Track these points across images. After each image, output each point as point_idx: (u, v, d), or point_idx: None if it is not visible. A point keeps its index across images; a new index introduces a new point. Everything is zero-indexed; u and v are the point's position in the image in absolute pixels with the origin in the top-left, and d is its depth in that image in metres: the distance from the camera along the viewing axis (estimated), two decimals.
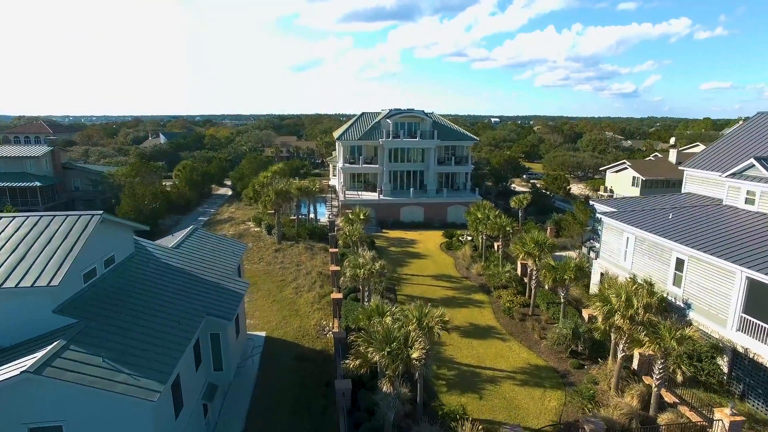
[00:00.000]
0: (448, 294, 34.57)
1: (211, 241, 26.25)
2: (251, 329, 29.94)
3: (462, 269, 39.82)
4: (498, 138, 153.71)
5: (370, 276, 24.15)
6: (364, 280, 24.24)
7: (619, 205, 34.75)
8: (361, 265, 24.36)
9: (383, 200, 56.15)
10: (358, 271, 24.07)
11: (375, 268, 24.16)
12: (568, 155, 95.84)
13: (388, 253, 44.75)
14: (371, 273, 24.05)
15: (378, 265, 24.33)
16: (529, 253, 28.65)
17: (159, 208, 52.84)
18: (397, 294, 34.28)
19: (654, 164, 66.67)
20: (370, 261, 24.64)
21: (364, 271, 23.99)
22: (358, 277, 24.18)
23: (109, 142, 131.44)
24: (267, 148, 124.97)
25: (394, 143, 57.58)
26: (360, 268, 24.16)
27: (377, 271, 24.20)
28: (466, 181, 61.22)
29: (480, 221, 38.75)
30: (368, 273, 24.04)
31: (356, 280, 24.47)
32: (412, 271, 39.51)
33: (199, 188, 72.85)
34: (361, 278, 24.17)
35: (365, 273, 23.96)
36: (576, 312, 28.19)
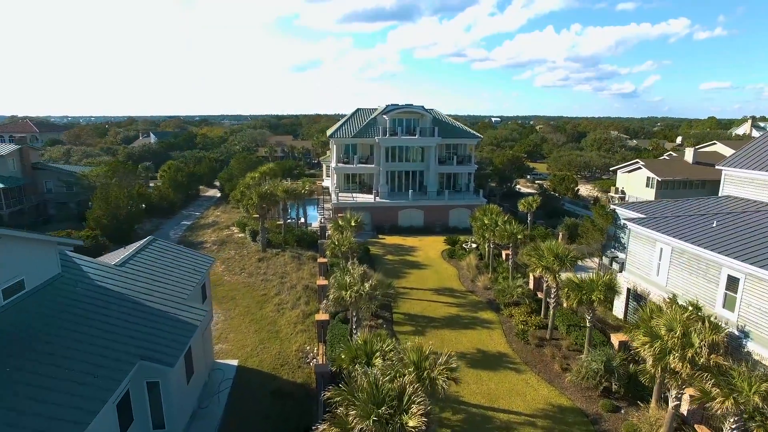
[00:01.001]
0: (451, 312, 30.26)
1: (169, 254, 21.93)
2: (223, 356, 25.64)
3: (467, 281, 35.52)
4: (499, 137, 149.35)
5: (359, 299, 19.82)
6: (352, 303, 19.92)
7: (647, 210, 30.47)
8: (347, 285, 20.05)
9: (379, 203, 51.85)
10: (344, 293, 19.76)
11: (365, 289, 19.83)
12: (575, 154, 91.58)
13: (384, 262, 40.45)
14: (360, 296, 19.72)
15: (368, 286, 20.01)
16: (548, 268, 24.35)
17: (135, 211, 48.50)
18: (394, 312, 29.99)
19: (670, 164, 62.39)
20: (359, 280, 20.30)
21: (351, 294, 19.68)
22: (343, 300, 19.87)
23: (98, 141, 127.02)
24: (261, 148, 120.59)
25: (391, 141, 53.28)
26: (346, 290, 19.84)
27: (367, 293, 19.87)
28: (469, 182, 56.93)
29: (487, 227, 34.46)
30: (356, 296, 19.71)
31: (342, 303, 20.16)
32: (411, 284, 35.21)
33: (185, 190, 68.54)
34: (347, 301, 19.86)
35: (352, 296, 19.64)
36: (603, 337, 23.87)
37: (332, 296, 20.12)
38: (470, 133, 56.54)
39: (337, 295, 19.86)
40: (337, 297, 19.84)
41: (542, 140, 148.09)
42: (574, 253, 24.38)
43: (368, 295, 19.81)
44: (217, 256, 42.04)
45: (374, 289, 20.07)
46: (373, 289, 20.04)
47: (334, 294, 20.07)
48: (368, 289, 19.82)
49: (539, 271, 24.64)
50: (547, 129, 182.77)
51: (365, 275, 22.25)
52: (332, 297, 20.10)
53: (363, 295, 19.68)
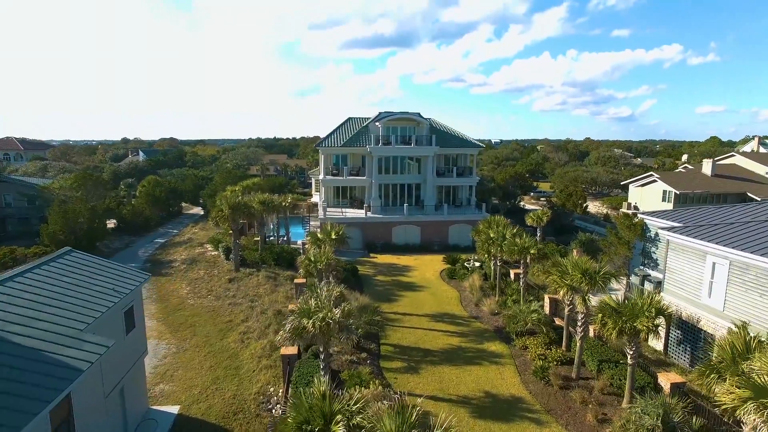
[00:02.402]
0: (451, 343, 24.93)
1: (82, 270, 16.83)
2: (163, 400, 20.28)
3: (470, 306, 30.26)
4: (500, 156, 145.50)
5: (327, 330, 14.62)
6: (317, 336, 14.70)
7: (683, 218, 25.49)
8: (311, 311, 14.88)
9: (371, 218, 46.86)
10: (306, 321, 14.57)
11: (334, 316, 14.64)
12: (581, 170, 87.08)
13: (373, 283, 35.22)
14: (327, 325, 14.53)
15: (340, 312, 14.84)
16: (573, 288, 19.20)
17: (98, 227, 43.44)
18: (382, 343, 24.66)
19: (687, 176, 57.65)
20: (328, 303, 15.15)
21: (317, 322, 14.48)
22: (305, 331, 14.65)
23: (86, 160, 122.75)
24: (253, 167, 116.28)
25: (384, 150, 48.60)
26: (309, 317, 14.65)
27: (338, 321, 14.68)
28: (471, 195, 52.02)
29: (492, 242, 29.38)
30: (322, 325, 14.52)
31: (303, 335, 14.90)
32: (404, 308, 29.94)
33: (165, 206, 63.65)
34: (310, 332, 14.63)
35: (317, 325, 14.44)
36: (648, 377, 18.51)
37: (290, 326, 14.91)
38: (470, 141, 51.92)
39: (296, 325, 14.67)
40: (296, 327, 14.64)
41: (544, 159, 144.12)
42: (607, 269, 19.24)
43: (340, 325, 14.61)
44: (185, 277, 36.93)
45: (347, 317, 14.88)
46: (346, 316, 14.85)
47: (293, 323, 14.87)
48: (339, 317, 14.61)
49: (563, 291, 19.48)
50: (549, 149, 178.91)
51: (341, 298, 17.12)
52: (290, 327, 14.90)
53: (332, 325, 14.48)
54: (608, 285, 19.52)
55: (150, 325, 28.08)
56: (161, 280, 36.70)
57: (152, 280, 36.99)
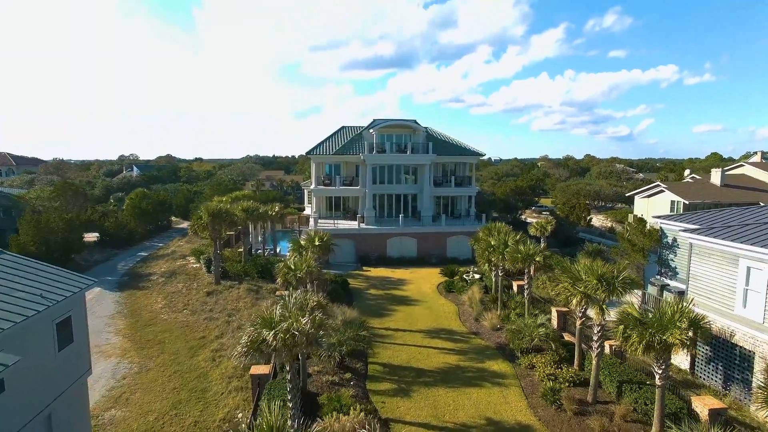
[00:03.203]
0: (448, 361, 22.13)
1: (10, 273, 14.20)
2: (111, 428, 17.47)
3: (469, 320, 27.50)
4: (500, 172, 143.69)
5: (293, 343, 11.93)
6: (277, 351, 11.98)
7: (703, 220, 22.95)
8: (275, 320, 12.24)
9: (365, 230, 44.31)
10: (266, 333, 11.89)
11: (301, 326, 11.97)
12: (583, 183, 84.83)
13: (364, 297, 32.49)
14: (293, 337, 11.84)
15: (308, 322, 12.18)
16: (588, 296, 16.56)
17: (74, 239, 40.86)
18: (370, 362, 21.86)
19: (695, 187, 55.24)
20: (293, 312, 12.51)
21: (279, 333, 11.81)
22: (266, 344, 11.96)
23: (79, 176, 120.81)
24: (248, 182, 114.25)
25: (378, 159, 46.28)
26: (271, 328, 11.99)
27: (307, 333, 12.02)
28: (470, 206, 49.53)
29: (494, 250, 26.78)
30: (286, 338, 11.84)
31: (264, 349, 12.16)
32: (397, 324, 27.17)
33: (152, 220, 61.11)
34: (272, 347, 11.92)
35: (280, 338, 11.77)
36: (679, 401, 15.68)
37: (247, 338, 12.23)
38: (469, 149, 49.64)
39: (255, 338, 12.00)
40: (254, 340, 11.97)
41: (545, 175, 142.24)
42: (626, 274, 16.60)
43: (308, 338, 11.94)
44: (162, 290, 34.25)
45: (318, 328, 12.21)
46: (316, 327, 12.18)
47: (251, 335, 12.20)
48: (309, 328, 11.95)
49: (576, 300, 16.81)
50: (549, 165, 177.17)
51: (318, 307, 14.45)
52: (247, 339, 12.21)
53: (298, 337, 11.81)
54: (629, 292, 16.89)
55: (114, 341, 25.38)
56: (136, 294, 34.04)
57: (127, 294, 34.44)
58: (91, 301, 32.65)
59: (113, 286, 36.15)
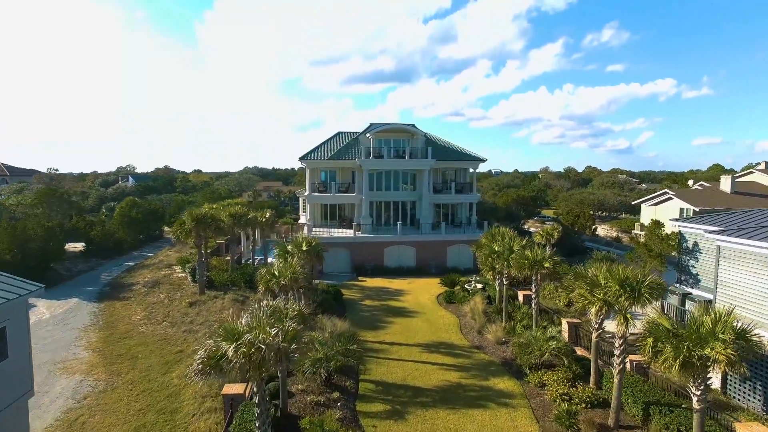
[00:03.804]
0: (449, 378, 19.90)
1: None
2: None
3: (471, 333, 25.29)
4: (501, 183, 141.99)
5: (259, 359, 9.79)
6: (242, 367, 9.83)
7: (724, 222, 20.90)
8: (238, 331, 10.14)
9: (361, 238, 42.24)
10: (227, 346, 9.76)
11: (270, 338, 9.86)
12: (587, 192, 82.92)
13: (358, 308, 30.30)
14: (259, 351, 9.70)
15: (279, 333, 10.07)
16: (609, 303, 14.44)
17: (54, 248, 38.76)
18: (361, 379, 19.65)
19: (705, 194, 53.27)
20: (263, 322, 10.42)
21: (242, 347, 9.68)
22: (227, 360, 9.82)
23: (74, 186, 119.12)
24: (245, 193, 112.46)
25: (375, 164, 44.36)
26: (233, 340, 9.87)
27: (275, 345, 9.90)
28: (471, 214, 47.49)
29: (498, 256, 24.68)
30: (253, 351, 9.70)
31: (225, 366, 9.98)
32: (393, 337, 24.96)
33: (142, 229, 59.04)
34: (233, 363, 9.77)
35: (243, 352, 9.63)
36: (720, 427, 13.45)
37: (204, 352, 10.09)
38: (470, 154, 47.75)
39: (212, 352, 9.88)
40: (212, 355, 9.84)
41: (546, 186, 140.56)
42: (653, 279, 14.48)
43: (278, 352, 9.82)
44: (142, 301, 32.09)
45: (291, 340, 10.11)
46: (289, 339, 10.07)
47: (209, 349, 10.07)
48: (279, 340, 9.83)
49: (595, 309, 14.67)
50: (550, 176, 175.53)
51: (299, 318, 12.36)
52: (204, 354, 10.07)
53: (265, 351, 9.69)
54: (659, 298, 14.76)
55: (82, 356, 23.15)
56: (115, 305, 31.86)
57: (105, 305, 32.28)
58: (66, 313, 30.50)
59: (92, 297, 34.00)
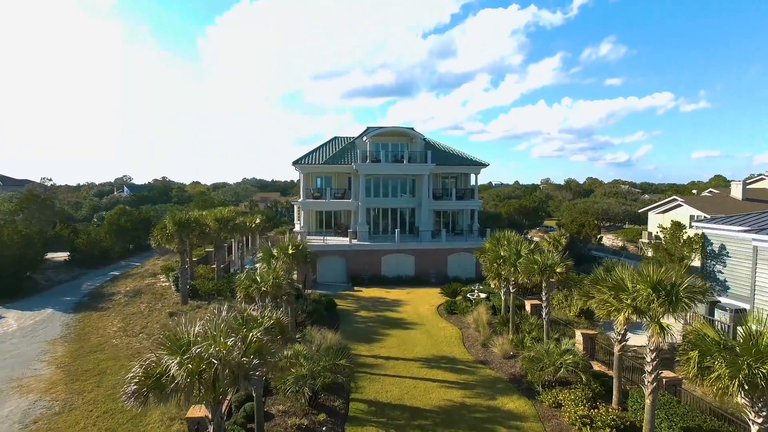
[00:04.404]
0: (451, 397, 17.67)
1: None
2: None
3: (475, 346, 23.07)
4: (502, 194, 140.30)
5: (212, 379, 7.69)
6: (189, 387, 7.73)
7: (748, 222, 18.86)
8: (186, 342, 8.05)
9: (357, 246, 40.11)
10: (170, 361, 7.64)
11: (222, 352, 7.77)
12: (590, 202, 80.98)
13: (353, 319, 28.09)
14: (210, 367, 7.60)
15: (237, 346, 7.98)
16: (639, 310, 12.32)
17: (31, 256, 36.65)
18: (352, 398, 17.42)
19: (715, 201, 51.27)
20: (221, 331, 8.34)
21: (188, 363, 7.58)
22: (169, 378, 7.71)
23: (68, 196, 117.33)
24: (242, 203, 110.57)
25: (372, 168, 42.39)
26: (180, 354, 7.76)
27: (231, 361, 7.81)
28: (473, 221, 45.40)
29: (504, 262, 22.58)
30: (203, 369, 7.60)
31: (166, 386, 7.88)
32: (389, 351, 22.73)
33: (131, 237, 56.96)
34: (178, 384, 7.66)
35: (190, 368, 7.53)
36: None
37: (141, 369, 7.98)
38: (471, 159, 45.82)
39: (150, 369, 7.76)
40: (150, 373, 7.72)
41: (547, 197, 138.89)
42: (690, 282, 12.37)
43: (236, 370, 7.71)
44: (121, 311, 29.96)
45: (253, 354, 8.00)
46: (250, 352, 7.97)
47: (147, 364, 7.96)
48: (237, 355, 7.73)
49: (623, 316, 12.54)
50: (551, 187, 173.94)
51: (277, 328, 10.26)
52: (140, 371, 7.95)
53: (219, 368, 7.58)
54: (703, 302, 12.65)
55: (43, 372, 20.91)
56: (92, 316, 29.67)
57: (81, 315, 30.07)
58: (36, 324, 28.28)
59: (68, 307, 31.81)
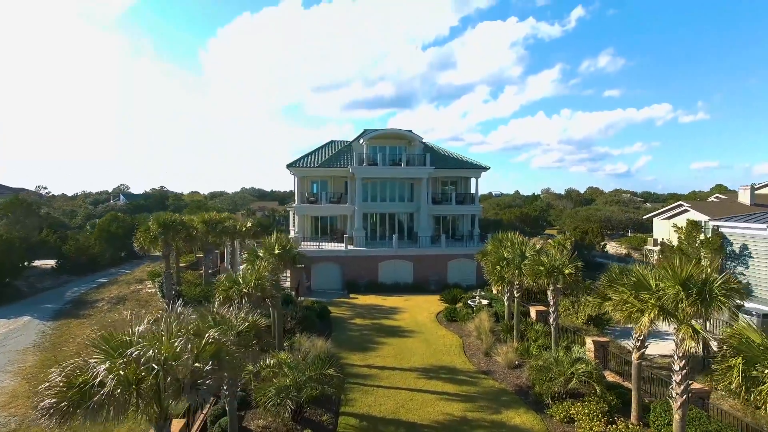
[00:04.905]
0: (451, 411, 16.01)
1: None
2: None
3: (477, 355, 21.43)
4: (503, 204, 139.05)
5: (151, 389, 6.16)
6: (126, 398, 6.21)
7: None
8: (121, 344, 6.53)
9: (353, 252, 38.55)
10: (100, 366, 6.10)
11: (162, 355, 6.25)
12: (593, 209, 79.57)
13: (347, 327, 26.43)
14: (150, 373, 6.09)
15: (186, 349, 6.47)
16: (665, 310, 10.78)
17: (11, 262, 35.08)
18: (342, 412, 15.77)
19: (723, 206, 49.77)
20: (171, 332, 6.84)
21: (123, 371, 6.06)
22: (96, 388, 6.22)
23: (63, 205, 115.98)
24: (239, 212, 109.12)
25: (369, 171, 40.98)
26: (112, 356, 6.26)
27: (175, 367, 6.30)
28: (473, 227, 43.89)
29: (508, 264, 21.04)
30: (144, 376, 6.07)
31: (96, 402, 6.41)
32: (384, 360, 21.08)
33: (123, 244, 55.35)
34: (110, 392, 6.17)
35: (127, 377, 5.99)
36: None
37: (58, 375, 6.46)
38: (472, 162, 44.44)
39: (71, 377, 6.21)
40: (71, 381, 6.18)
41: (548, 206, 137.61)
42: (727, 278, 10.83)
43: (188, 375, 6.18)
44: (102, 319, 28.21)
45: (200, 358, 6.47)
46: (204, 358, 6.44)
47: (69, 371, 6.43)
48: (187, 359, 6.20)
49: (648, 318, 10.97)
50: (551, 197, 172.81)
51: (252, 331, 8.67)
52: (57, 379, 6.42)
53: (161, 376, 6.06)
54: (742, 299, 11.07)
55: (6, 384, 19.24)
56: (71, 324, 28.03)
57: (60, 323, 28.41)
58: (9, 333, 26.60)
59: (48, 315, 30.16)
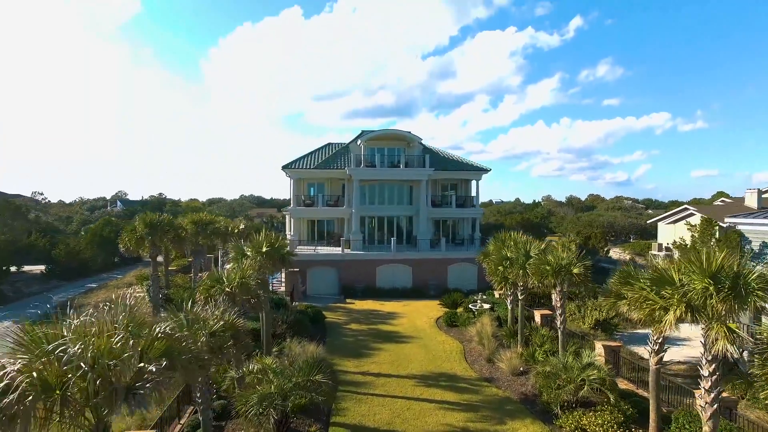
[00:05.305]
0: (452, 422, 14.75)
1: None
2: None
3: (479, 362, 20.18)
4: (503, 210, 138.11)
5: (85, 394, 5.04)
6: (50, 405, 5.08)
7: None
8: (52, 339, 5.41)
9: (350, 256, 37.35)
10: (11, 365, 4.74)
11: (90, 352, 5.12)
12: (595, 215, 78.45)
13: (342, 332, 25.19)
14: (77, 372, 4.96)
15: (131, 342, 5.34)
16: (692, 307, 9.57)
17: None
18: (333, 422, 14.52)
19: (729, 209, 48.51)
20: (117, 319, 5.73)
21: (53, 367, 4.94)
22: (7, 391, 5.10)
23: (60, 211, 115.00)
24: (237, 218, 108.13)
25: (367, 173, 39.88)
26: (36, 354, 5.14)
27: (105, 367, 5.14)
28: (474, 231, 42.71)
29: (511, 264, 19.86)
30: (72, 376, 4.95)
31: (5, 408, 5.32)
32: (380, 367, 19.82)
33: (115, 249, 54.22)
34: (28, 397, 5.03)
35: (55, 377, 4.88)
36: None
37: None
38: (472, 164, 43.36)
39: None
40: None
41: (549, 213, 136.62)
42: (764, 270, 9.67)
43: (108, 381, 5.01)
44: None
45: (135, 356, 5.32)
46: (150, 358, 5.29)
47: None
48: (129, 360, 5.05)
49: (672, 316, 9.77)
50: (552, 204, 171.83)
51: (228, 330, 7.50)
52: None
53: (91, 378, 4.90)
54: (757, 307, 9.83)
55: None
56: None
57: None
58: None
59: (31, 320, 28.94)
